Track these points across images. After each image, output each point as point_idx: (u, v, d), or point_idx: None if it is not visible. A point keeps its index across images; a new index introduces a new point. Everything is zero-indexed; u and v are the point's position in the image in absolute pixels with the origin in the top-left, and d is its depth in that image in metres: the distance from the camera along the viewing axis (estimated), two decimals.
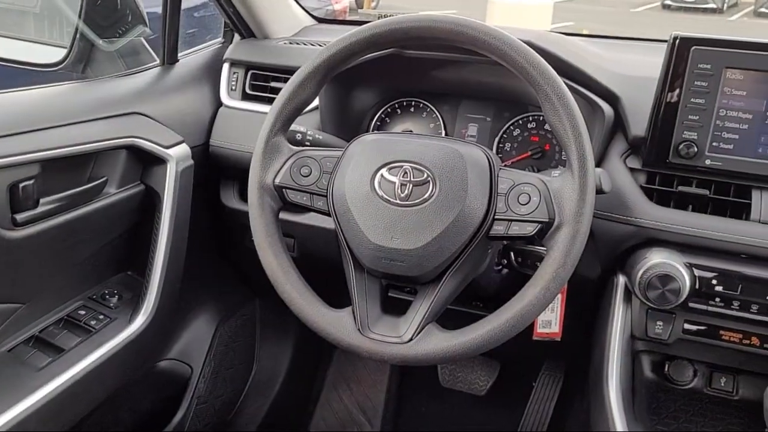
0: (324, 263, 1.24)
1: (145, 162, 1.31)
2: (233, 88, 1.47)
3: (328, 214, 0.98)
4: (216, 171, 1.47)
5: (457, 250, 0.91)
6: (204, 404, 1.64)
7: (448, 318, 0.97)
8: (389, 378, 1.93)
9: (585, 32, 1.69)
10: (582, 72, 1.15)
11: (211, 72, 1.50)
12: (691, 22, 13.40)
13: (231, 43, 1.56)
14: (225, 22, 1.56)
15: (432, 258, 0.91)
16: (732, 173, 1.04)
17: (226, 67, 1.49)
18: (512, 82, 1.19)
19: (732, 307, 1.04)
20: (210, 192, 1.50)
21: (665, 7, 15.49)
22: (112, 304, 1.30)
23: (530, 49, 0.91)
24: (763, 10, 14.50)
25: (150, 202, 1.32)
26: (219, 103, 1.47)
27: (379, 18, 0.99)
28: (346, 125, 1.37)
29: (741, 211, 1.05)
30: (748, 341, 1.08)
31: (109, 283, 1.36)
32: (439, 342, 0.90)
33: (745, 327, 1.07)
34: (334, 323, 0.94)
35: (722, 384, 1.19)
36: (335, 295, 1.04)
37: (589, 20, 11.87)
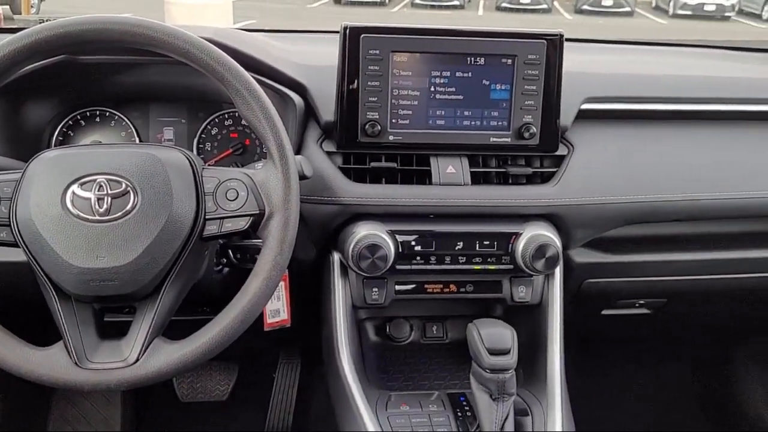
0: (20, 301, 1.10)
1: None
2: None
3: (16, 245, 0.87)
4: None
5: (171, 258, 0.88)
6: None
7: (177, 330, 0.93)
8: (122, 408, 1.80)
9: (268, 28, 1.74)
10: (268, 65, 1.18)
11: None
12: (360, 15, 14.59)
13: None
14: None
15: (146, 270, 0.87)
16: (411, 145, 1.16)
17: None
18: (201, 81, 1.17)
19: (430, 262, 1.17)
20: None
21: (337, 2, 16.62)
22: None
23: (213, 45, 0.91)
24: (417, 2, 16.47)
25: None
26: None
27: (41, 23, 0.89)
28: (21, 144, 1.22)
29: (425, 178, 1.19)
30: (447, 290, 1.23)
31: None
32: (169, 355, 0.87)
33: (443, 278, 1.21)
34: (45, 362, 0.85)
35: (434, 332, 1.35)
36: (41, 333, 0.93)
37: (271, 17, 12.20)
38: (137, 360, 0.86)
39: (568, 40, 1.19)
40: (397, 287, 1.22)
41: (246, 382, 1.84)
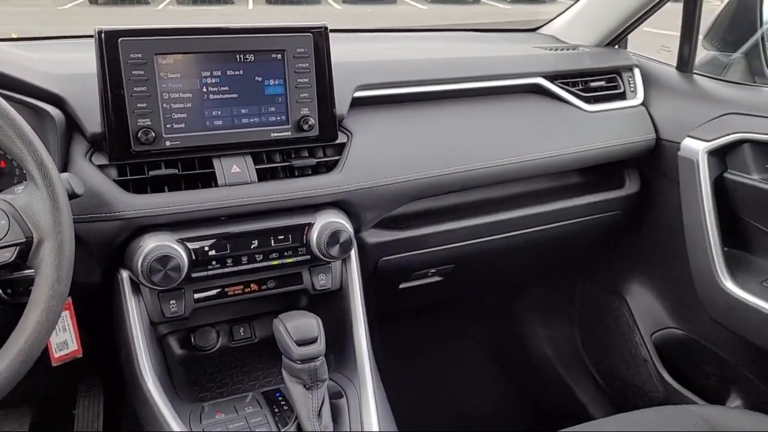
0: None
1: None
2: None
3: None
4: None
5: None
6: None
7: None
8: None
9: (15, 36, 1.58)
10: (14, 78, 1.07)
11: None
12: (121, 15, 13.69)
13: None
14: None
15: None
16: (191, 149, 1.12)
17: None
18: None
19: (227, 265, 1.15)
20: None
21: (93, 2, 15.40)
22: None
23: None
24: None
25: None
26: None
27: None
28: None
29: (210, 180, 1.16)
30: (249, 289, 1.22)
31: None
32: None
33: (242, 278, 1.20)
34: None
35: (242, 333, 1.33)
36: None
37: (16, 23, 10.98)
38: None
39: (334, 31, 1.23)
40: (197, 295, 1.18)
41: (42, 427, 1.67)
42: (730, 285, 1.43)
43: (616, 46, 1.78)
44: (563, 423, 1.20)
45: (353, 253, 1.28)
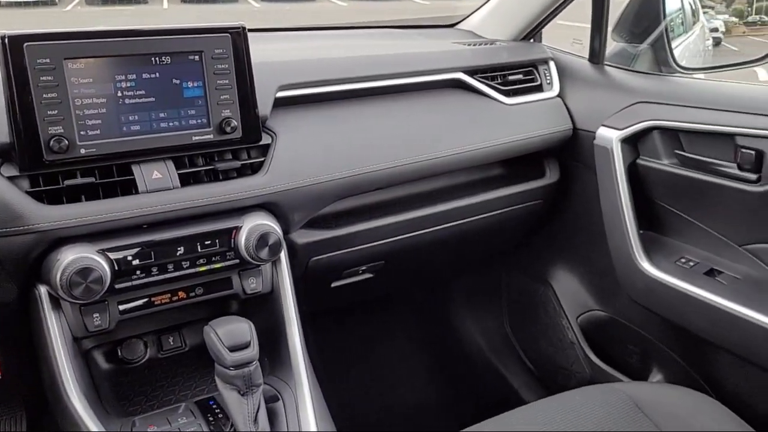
0: None
1: None
2: None
3: None
4: None
5: None
6: None
7: None
8: None
9: None
10: None
11: None
12: (30, 17, 13.04)
13: None
14: None
15: None
16: (108, 156, 1.08)
17: None
18: None
19: (153, 274, 1.12)
20: None
21: None
22: None
23: None
24: None
25: None
26: None
27: None
28: None
29: (130, 188, 1.12)
30: (176, 297, 1.19)
31: None
32: None
33: (169, 287, 1.17)
34: None
35: (171, 343, 1.30)
36: None
37: None
38: None
39: (253, 30, 1.21)
40: (121, 307, 1.14)
41: None
42: (646, 266, 1.50)
43: (532, 40, 1.84)
44: (496, 409, 1.23)
45: (283, 255, 1.27)
